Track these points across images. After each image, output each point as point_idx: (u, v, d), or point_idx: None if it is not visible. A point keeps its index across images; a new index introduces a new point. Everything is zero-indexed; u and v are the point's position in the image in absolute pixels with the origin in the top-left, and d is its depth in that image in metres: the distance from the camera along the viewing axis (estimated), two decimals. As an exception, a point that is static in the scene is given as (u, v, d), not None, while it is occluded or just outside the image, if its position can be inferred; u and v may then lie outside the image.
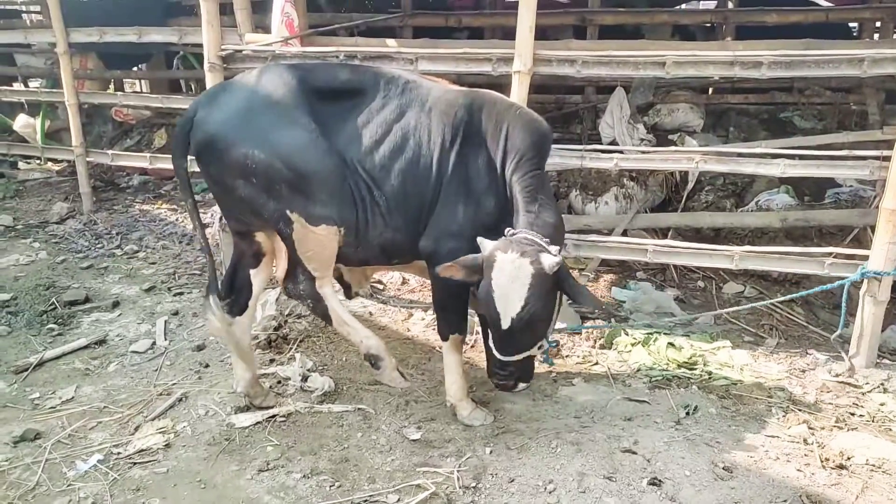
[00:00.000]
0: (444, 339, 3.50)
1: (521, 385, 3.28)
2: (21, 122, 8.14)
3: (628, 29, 8.38)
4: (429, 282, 4.32)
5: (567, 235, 4.59)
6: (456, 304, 3.46)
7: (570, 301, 3.82)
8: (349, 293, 3.95)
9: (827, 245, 4.69)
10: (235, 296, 3.51)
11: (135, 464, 3.14)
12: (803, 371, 4.11)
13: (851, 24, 8.57)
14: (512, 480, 3.00)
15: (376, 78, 3.39)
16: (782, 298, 4.66)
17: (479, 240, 3.08)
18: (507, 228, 3.11)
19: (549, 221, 3.18)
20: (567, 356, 4.33)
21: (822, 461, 3.13)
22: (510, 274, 2.90)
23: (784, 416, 3.55)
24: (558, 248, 3.06)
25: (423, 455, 3.22)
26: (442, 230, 3.31)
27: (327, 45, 5.00)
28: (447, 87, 3.51)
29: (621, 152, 4.79)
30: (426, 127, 3.31)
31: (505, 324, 2.94)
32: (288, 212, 3.19)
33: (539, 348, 3.20)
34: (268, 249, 3.50)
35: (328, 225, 3.23)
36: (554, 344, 4.00)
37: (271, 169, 3.11)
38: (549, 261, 2.92)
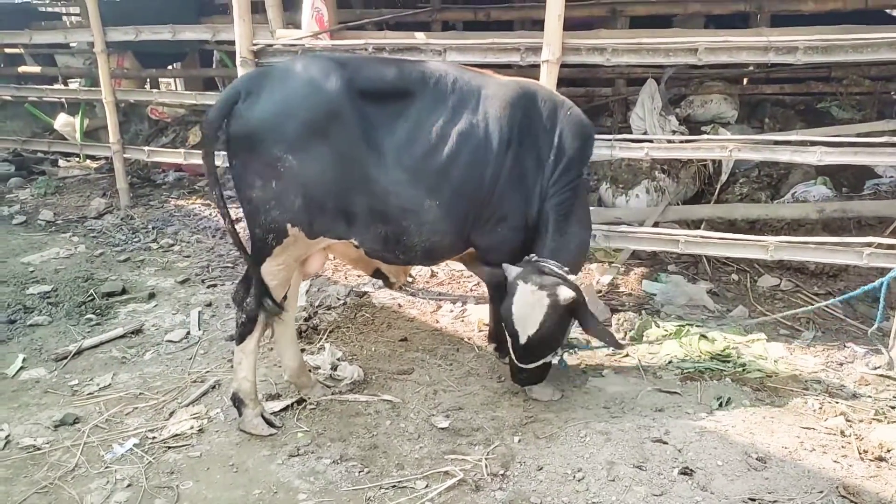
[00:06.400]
0: None
1: (535, 388, 3.59)
2: (61, 121, 8.39)
3: (659, 20, 8.25)
4: (455, 274, 4.30)
5: (597, 226, 4.56)
6: None
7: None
8: (388, 283, 3.91)
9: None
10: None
11: (169, 448, 3.21)
12: (841, 364, 4.02)
13: (893, 12, 8.31)
14: (540, 468, 2.99)
15: (423, 77, 3.23)
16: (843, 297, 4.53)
17: (504, 266, 3.32)
18: (532, 255, 3.35)
19: (573, 248, 3.44)
20: (597, 348, 4.29)
21: (860, 453, 3.05)
22: (529, 303, 3.18)
23: (820, 408, 3.47)
24: (575, 277, 3.34)
25: (452, 443, 3.23)
26: (502, 225, 3.38)
27: (356, 39, 5.03)
28: (496, 80, 3.41)
29: (651, 141, 4.73)
30: (481, 128, 3.23)
31: (522, 340, 3.25)
32: (289, 225, 3.06)
33: (554, 355, 3.44)
34: None
35: (329, 238, 3.18)
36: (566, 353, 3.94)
37: (297, 178, 2.98)
38: (566, 294, 3.17)
